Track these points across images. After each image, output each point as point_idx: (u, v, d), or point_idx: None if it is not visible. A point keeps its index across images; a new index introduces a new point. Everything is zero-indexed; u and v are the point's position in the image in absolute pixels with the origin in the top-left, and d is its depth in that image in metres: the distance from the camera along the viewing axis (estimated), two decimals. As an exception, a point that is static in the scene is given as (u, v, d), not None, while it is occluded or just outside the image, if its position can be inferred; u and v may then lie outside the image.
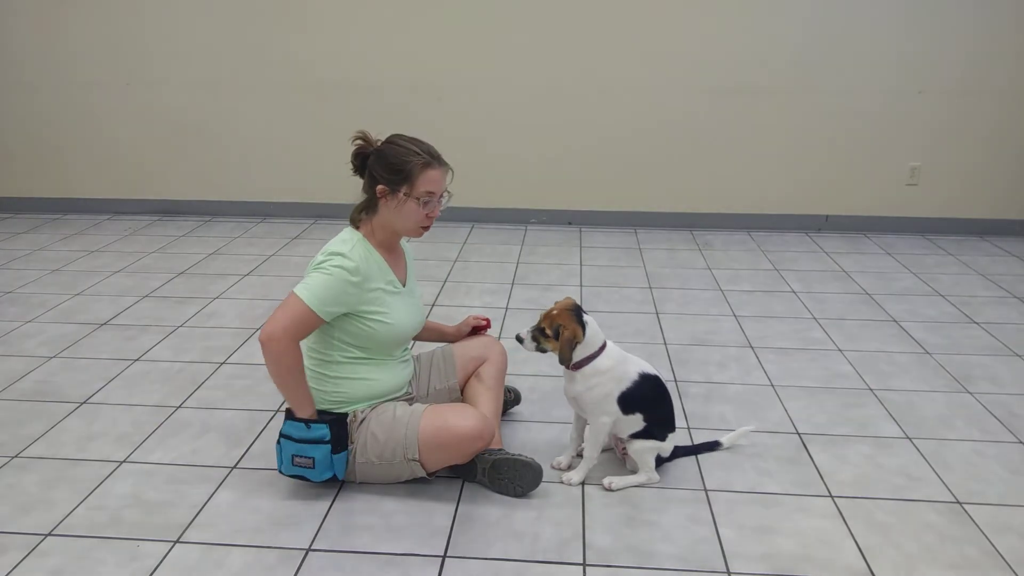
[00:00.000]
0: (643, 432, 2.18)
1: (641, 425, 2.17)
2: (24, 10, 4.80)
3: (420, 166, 2.03)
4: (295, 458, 2.09)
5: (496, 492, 2.16)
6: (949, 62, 4.51)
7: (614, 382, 2.13)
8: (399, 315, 2.14)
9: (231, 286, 3.85)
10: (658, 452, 2.21)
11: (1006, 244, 4.60)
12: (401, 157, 2.04)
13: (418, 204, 2.06)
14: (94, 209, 5.17)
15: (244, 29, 4.75)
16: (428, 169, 2.04)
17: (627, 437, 2.21)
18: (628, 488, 2.19)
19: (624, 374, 2.15)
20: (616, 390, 2.13)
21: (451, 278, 3.99)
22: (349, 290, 2.01)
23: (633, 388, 2.14)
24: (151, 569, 1.87)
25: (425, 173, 2.04)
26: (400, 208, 2.06)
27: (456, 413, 2.10)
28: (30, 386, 2.80)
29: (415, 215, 2.07)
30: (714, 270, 4.14)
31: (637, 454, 2.19)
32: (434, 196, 2.07)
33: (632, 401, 2.14)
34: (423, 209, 2.07)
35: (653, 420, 2.18)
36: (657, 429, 2.19)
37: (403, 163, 2.03)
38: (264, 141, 4.98)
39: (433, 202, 2.08)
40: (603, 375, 2.13)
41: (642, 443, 2.19)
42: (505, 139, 4.85)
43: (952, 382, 2.87)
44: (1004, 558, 1.92)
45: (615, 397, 2.13)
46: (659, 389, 2.21)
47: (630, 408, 2.15)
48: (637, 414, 2.16)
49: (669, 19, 4.55)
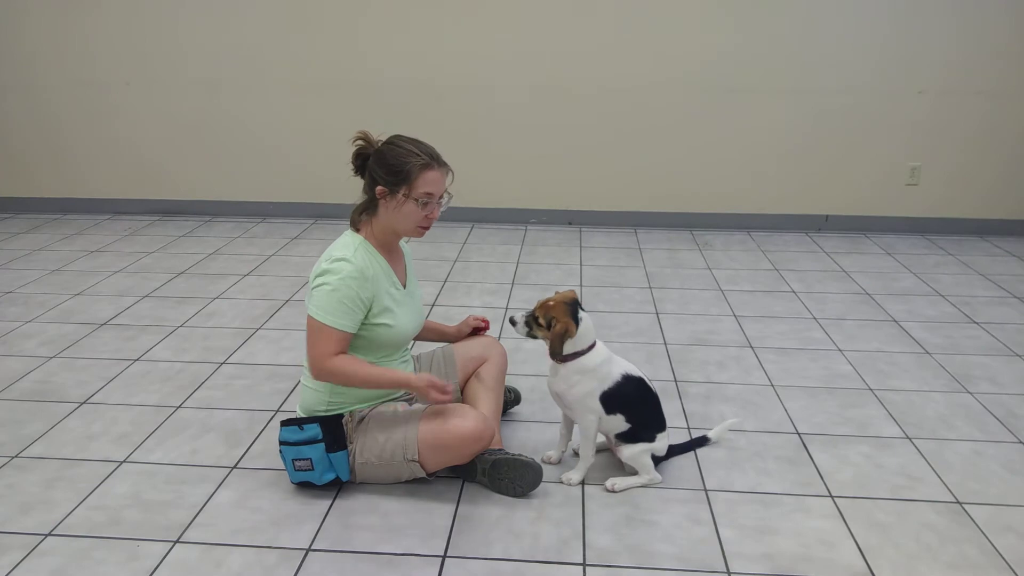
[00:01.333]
0: (629, 435, 2.18)
1: (625, 426, 2.17)
2: (25, 10, 4.80)
3: (419, 167, 2.03)
4: (295, 462, 2.11)
5: (496, 492, 2.16)
6: (949, 62, 4.51)
7: (596, 380, 2.13)
8: (401, 317, 2.15)
9: (231, 286, 3.85)
10: (652, 452, 2.21)
11: (1006, 244, 4.60)
12: (400, 158, 2.03)
13: (417, 205, 2.05)
14: (94, 209, 5.17)
15: (244, 29, 4.75)
16: (427, 170, 2.04)
17: (615, 442, 2.21)
18: (613, 485, 2.19)
19: (607, 374, 2.15)
20: (598, 388, 2.13)
21: (451, 278, 3.99)
22: (362, 293, 2.02)
23: (615, 388, 2.14)
24: (151, 569, 1.87)
25: (424, 174, 2.03)
26: (399, 209, 2.06)
27: (456, 414, 2.10)
28: (30, 386, 2.80)
29: (414, 216, 2.07)
30: (714, 270, 4.14)
31: (632, 460, 2.19)
32: (433, 197, 2.07)
33: (613, 401, 2.15)
34: (422, 211, 2.07)
35: (636, 422, 2.18)
36: (642, 431, 2.19)
37: (402, 164, 2.03)
38: (264, 141, 4.98)
39: (432, 203, 2.08)
40: (585, 373, 2.13)
41: (630, 448, 2.19)
42: (505, 139, 4.85)
43: (952, 382, 2.87)
44: (1004, 558, 1.92)
45: (597, 395, 2.13)
46: (642, 391, 2.21)
47: (611, 408, 2.15)
48: (619, 415, 2.16)
49: (669, 19, 4.55)
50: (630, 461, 2.19)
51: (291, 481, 2.17)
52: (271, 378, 2.86)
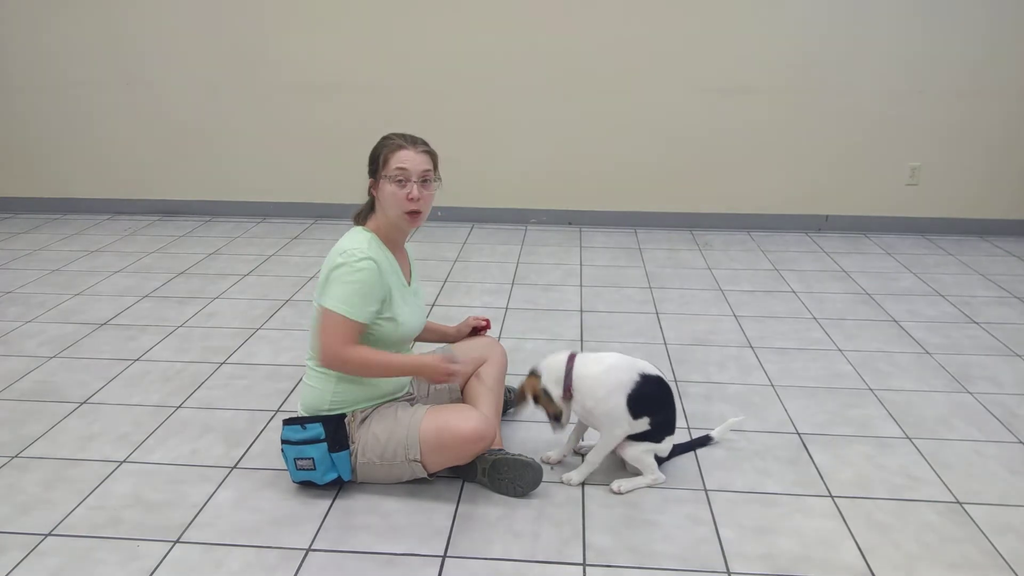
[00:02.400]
0: (637, 434, 2.17)
1: (646, 428, 2.15)
2: (25, 10, 4.80)
3: (391, 148, 2.08)
4: (297, 461, 2.11)
5: (496, 492, 2.16)
6: (949, 62, 4.51)
7: (610, 389, 2.11)
8: (406, 314, 2.15)
9: (231, 286, 3.85)
10: (655, 452, 2.20)
11: (1006, 244, 4.60)
12: (377, 147, 2.11)
13: (393, 184, 2.06)
14: (94, 209, 5.17)
15: (243, 29, 4.75)
16: (399, 150, 2.08)
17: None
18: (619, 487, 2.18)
19: (619, 380, 2.12)
20: (620, 395, 2.11)
21: (451, 278, 3.99)
22: (378, 286, 2.03)
23: (636, 390, 2.12)
24: (151, 569, 1.87)
25: (396, 154, 2.07)
26: (382, 195, 2.10)
27: (457, 414, 2.10)
28: (30, 386, 2.80)
29: (395, 197, 2.07)
30: (714, 270, 4.14)
31: (635, 460, 2.18)
32: (406, 173, 2.06)
33: (639, 405, 2.12)
34: (401, 189, 2.06)
35: (658, 423, 2.16)
36: (655, 432, 2.16)
37: (378, 151, 2.11)
38: (264, 141, 4.98)
39: (408, 181, 2.06)
40: (594, 379, 2.11)
41: (634, 448, 2.17)
42: (505, 139, 4.85)
43: (952, 382, 2.87)
44: (1004, 558, 1.92)
45: (623, 403, 2.11)
46: (663, 390, 2.19)
47: (639, 412, 2.12)
48: (644, 418, 2.14)
49: (669, 19, 4.55)
50: (633, 461, 2.19)
51: (292, 480, 2.17)
52: (271, 378, 2.86)
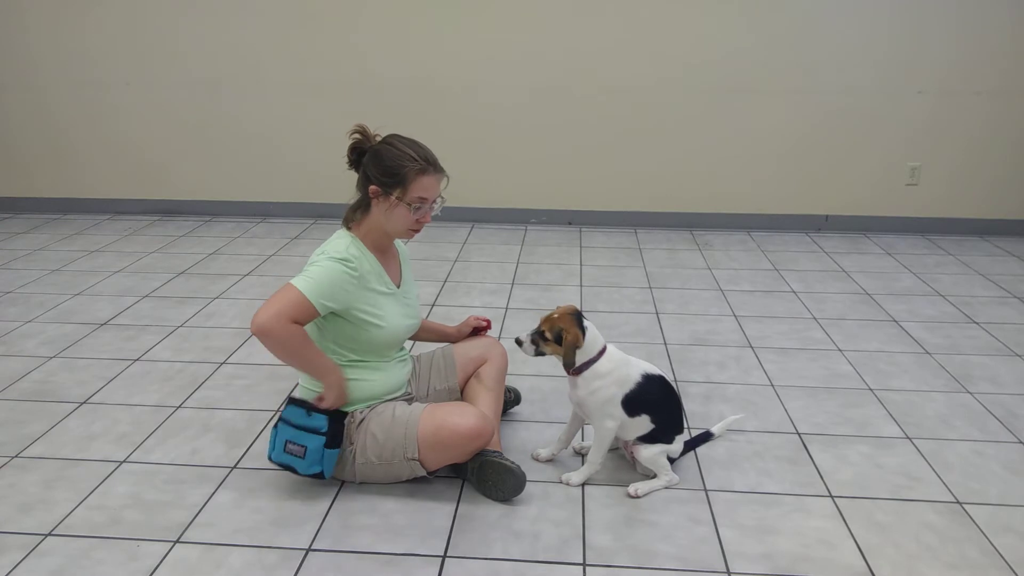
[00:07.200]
0: (648, 436, 2.17)
1: (649, 427, 2.16)
2: (26, 10, 4.80)
3: (415, 172, 2.02)
4: (288, 444, 2.07)
5: (481, 494, 2.15)
6: (949, 62, 4.51)
7: (616, 385, 2.12)
8: (391, 317, 2.14)
9: (231, 286, 3.85)
10: (668, 454, 2.20)
11: (1006, 244, 4.60)
12: (396, 160, 2.02)
13: (409, 210, 2.05)
14: (94, 209, 5.17)
15: (244, 29, 4.75)
16: (423, 176, 2.03)
17: (633, 443, 2.20)
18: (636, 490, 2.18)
19: (626, 377, 2.14)
20: (619, 393, 2.12)
21: (451, 278, 3.99)
22: (346, 286, 2.01)
23: (637, 389, 2.14)
24: (151, 569, 1.87)
25: (419, 179, 2.02)
26: (391, 211, 2.06)
27: (455, 411, 2.10)
28: (30, 386, 2.80)
29: (405, 220, 2.07)
30: (714, 270, 4.14)
31: (648, 462, 2.17)
32: (426, 202, 2.06)
33: (637, 403, 2.13)
34: (414, 215, 2.06)
35: (660, 421, 2.16)
36: (664, 432, 2.17)
37: (398, 167, 2.02)
38: (264, 141, 4.98)
39: (424, 208, 2.07)
40: (604, 378, 2.12)
41: (648, 450, 2.17)
42: (505, 139, 4.85)
43: (952, 382, 2.87)
44: (1004, 558, 1.92)
45: (619, 401, 2.13)
46: (665, 389, 2.20)
47: (636, 410, 2.14)
48: (643, 416, 2.15)
49: (669, 19, 4.55)
50: (648, 463, 2.18)
51: (269, 458, 2.12)
52: (271, 378, 2.86)
